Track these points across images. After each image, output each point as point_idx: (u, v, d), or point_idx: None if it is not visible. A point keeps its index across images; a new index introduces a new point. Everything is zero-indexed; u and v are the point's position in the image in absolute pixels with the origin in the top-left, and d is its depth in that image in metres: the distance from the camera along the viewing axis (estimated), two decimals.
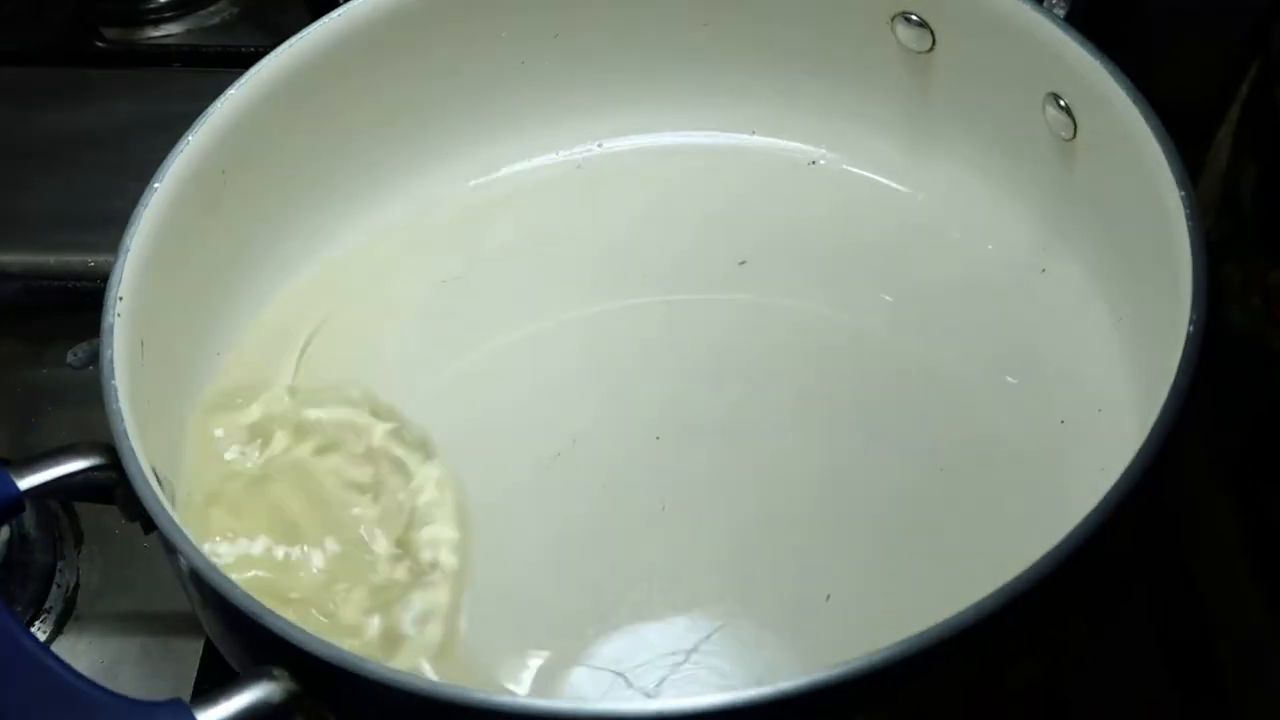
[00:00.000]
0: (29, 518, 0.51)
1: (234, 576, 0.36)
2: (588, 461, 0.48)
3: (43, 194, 0.62)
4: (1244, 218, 0.55)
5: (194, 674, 0.48)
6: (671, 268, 0.54)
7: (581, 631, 0.44)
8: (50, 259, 0.59)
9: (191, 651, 0.48)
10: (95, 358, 0.48)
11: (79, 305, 0.59)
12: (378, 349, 0.52)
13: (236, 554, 0.44)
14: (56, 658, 0.34)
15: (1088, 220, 0.50)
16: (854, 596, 0.44)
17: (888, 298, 0.52)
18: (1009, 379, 0.49)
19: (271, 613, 0.35)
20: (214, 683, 0.47)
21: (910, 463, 0.47)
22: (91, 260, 0.59)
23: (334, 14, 0.50)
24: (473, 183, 0.56)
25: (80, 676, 0.34)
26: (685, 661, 0.43)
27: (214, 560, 0.37)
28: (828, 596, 0.44)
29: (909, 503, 0.46)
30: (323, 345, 0.51)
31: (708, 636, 0.43)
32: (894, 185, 0.55)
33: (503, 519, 0.47)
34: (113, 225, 0.60)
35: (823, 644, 0.43)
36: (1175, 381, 0.38)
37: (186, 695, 0.46)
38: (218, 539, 0.44)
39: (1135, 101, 0.45)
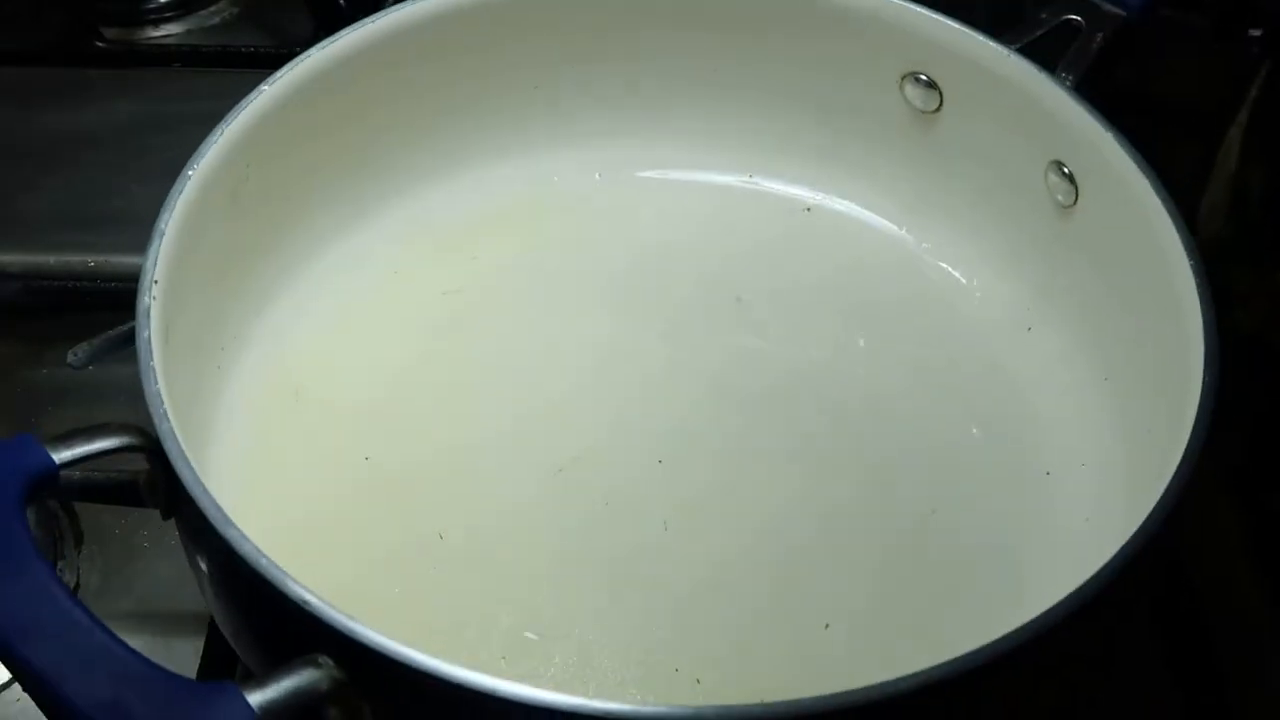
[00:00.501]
0: (29, 516, 0.51)
1: None
2: (590, 479, 0.48)
3: (43, 194, 0.62)
4: (1252, 219, 0.55)
5: (194, 673, 0.48)
6: (667, 298, 0.54)
7: (582, 646, 0.44)
8: (50, 259, 0.59)
9: (192, 651, 0.48)
10: (95, 357, 0.48)
11: (79, 305, 0.59)
12: (380, 356, 0.52)
13: None
14: (113, 634, 0.34)
15: (1078, 283, 0.51)
16: (852, 627, 0.44)
17: (877, 343, 0.53)
18: (995, 429, 0.50)
19: (321, 599, 0.34)
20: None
21: (901, 503, 0.48)
22: (91, 260, 0.59)
23: (362, 23, 0.50)
24: (476, 199, 0.56)
25: (137, 653, 0.34)
26: (684, 679, 0.43)
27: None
28: (826, 625, 0.44)
29: (901, 541, 0.47)
30: (324, 350, 0.51)
31: (707, 656, 0.44)
32: (887, 237, 0.56)
33: (505, 530, 0.47)
34: (113, 225, 0.60)
35: (823, 671, 0.43)
36: (1191, 436, 0.39)
37: None
38: None
39: (1146, 175, 0.46)
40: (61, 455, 0.38)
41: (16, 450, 0.37)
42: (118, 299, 0.57)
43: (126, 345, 0.47)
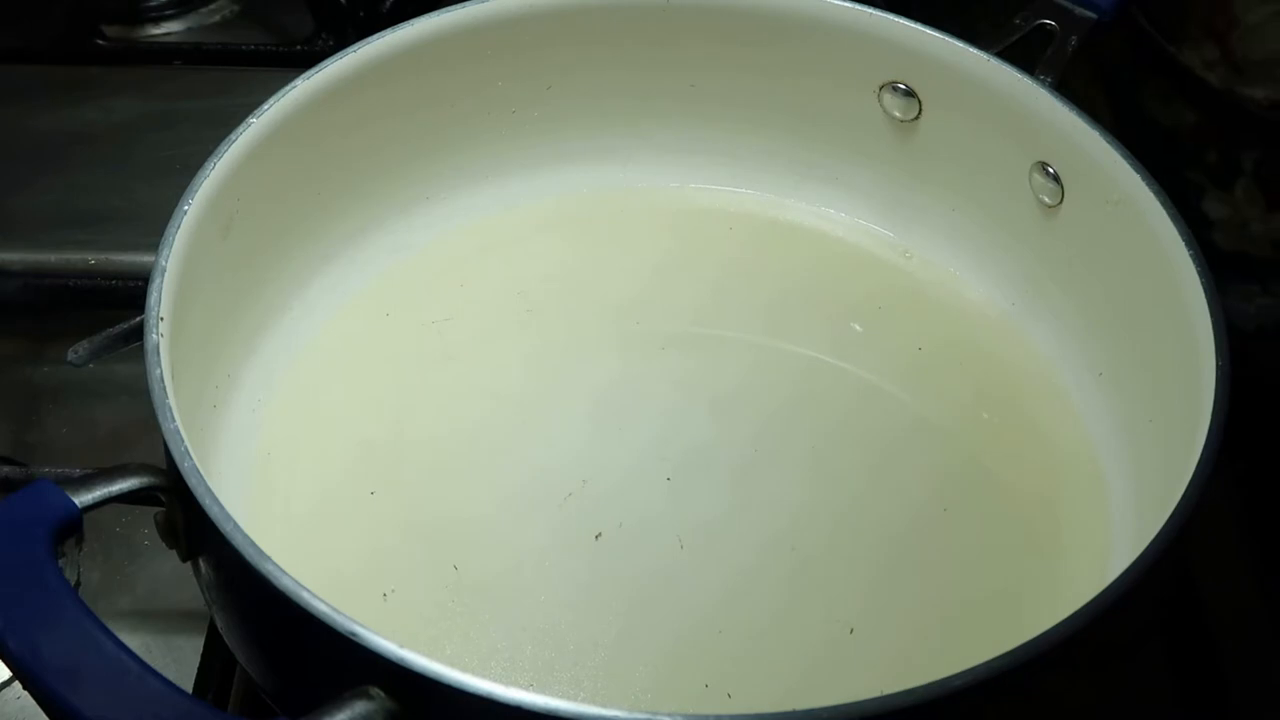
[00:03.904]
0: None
1: None
2: (600, 503, 0.48)
3: (43, 192, 0.62)
4: None
5: (194, 672, 0.48)
6: (658, 314, 0.54)
7: (609, 669, 0.44)
8: (51, 257, 0.59)
9: (192, 649, 0.48)
10: (96, 355, 0.48)
11: (79, 303, 0.59)
12: (374, 388, 0.51)
13: None
14: (165, 680, 0.34)
15: (1067, 280, 0.51)
16: (876, 630, 0.45)
17: (875, 347, 0.53)
18: (996, 426, 0.51)
19: (372, 631, 0.34)
20: (215, 681, 0.48)
21: (913, 503, 0.48)
22: (92, 258, 0.59)
23: (342, 54, 0.50)
24: (458, 226, 0.56)
25: (191, 696, 0.34)
26: (715, 694, 0.43)
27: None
28: (851, 630, 0.44)
29: (917, 540, 0.47)
30: (318, 385, 0.51)
31: (735, 670, 0.43)
32: (875, 243, 0.57)
33: (519, 559, 0.46)
34: (113, 223, 0.60)
35: (852, 676, 0.43)
36: (1210, 427, 0.39)
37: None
38: None
39: (1136, 170, 0.46)
40: (83, 499, 0.38)
41: (38, 498, 0.37)
42: (118, 296, 0.58)
43: (127, 343, 0.47)
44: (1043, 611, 0.37)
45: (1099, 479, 0.48)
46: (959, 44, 0.51)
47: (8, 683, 0.48)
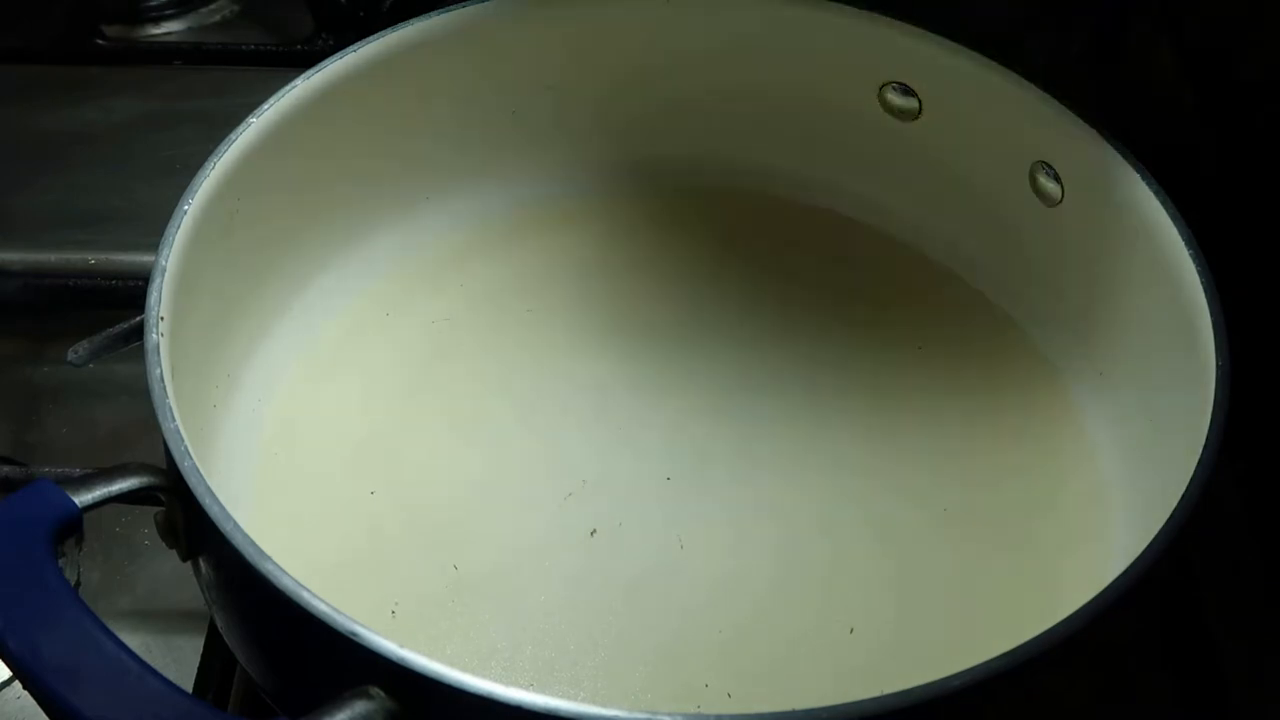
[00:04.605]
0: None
1: None
2: (600, 502, 0.48)
3: (43, 192, 0.62)
4: None
5: (194, 672, 0.48)
6: (660, 312, 0.54)
7: (609, 669, 0.44)
8: (51, 256, 0.59)
9: (192, 649, 0.48)
10: (96, 355, 0.48)
11: (79, 303, 0.59)
12: (375, 388, 0.51)
13: None
14: (166, 680, 0.34)
15: (1065, 281, 0.52)
16: (877, 630, 0.45)
17: (875, 345, 0.53)
18: (997, 424, 0.51)
19: (372, 630, 0.34)
20: (215, 681, 0.48)
21: (913, 502, 0.48)
22: (92, 258, 0.59)
23: (342, 53, 0.50)
24: (460, 225, 0.56)
25: (192, 697, 0.34)
26: (715, 694, 0.43)
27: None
28: (851, 629, 0.44)
29: (918, 539, 0.47)
30: (319, 385, 0.51)
31: (735, 669, 0.44)
32: (875, 241, 0.57)
33: (519, 558, 0.46)
34: (113, 223, 0.60)
35: (852, 676, 0.43)
36: (1211, 427, 0.40)
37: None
38: None
39: (1135, 169, 0.47)
40: (83, 499, 0.38)
41: (39, 497, 0.37)
42: (118, 296, 0.58)
43: (127, 343, 0.47)
44: (1043, 611, 0.37)
45: (1099, 479, 0.48)
46: (956, 45, 0.51)
47: (8, 683, 0.48)
